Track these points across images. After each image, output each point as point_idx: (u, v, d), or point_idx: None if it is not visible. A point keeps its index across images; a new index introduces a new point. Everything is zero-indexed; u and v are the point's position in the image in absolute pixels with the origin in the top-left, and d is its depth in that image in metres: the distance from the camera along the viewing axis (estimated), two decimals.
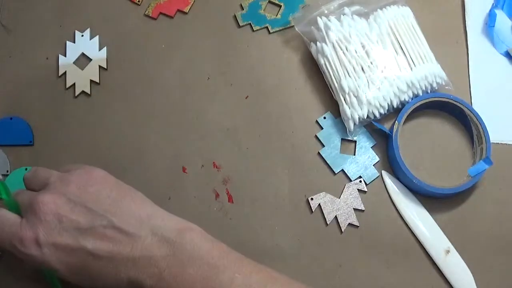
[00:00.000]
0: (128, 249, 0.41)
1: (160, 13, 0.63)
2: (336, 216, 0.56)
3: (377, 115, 0.58)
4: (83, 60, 0.62)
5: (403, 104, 0.59)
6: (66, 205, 0.42)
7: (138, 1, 0.64)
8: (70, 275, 0.42)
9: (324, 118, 0.60)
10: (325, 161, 0.58)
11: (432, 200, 0.57)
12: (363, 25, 0.60)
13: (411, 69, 0.59)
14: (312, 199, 0.56)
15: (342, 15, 0.60)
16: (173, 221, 0.43)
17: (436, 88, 0.60)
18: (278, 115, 0.60)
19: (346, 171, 0.58)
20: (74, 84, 0.60)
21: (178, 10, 0.64)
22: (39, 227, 0.41)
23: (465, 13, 0.65)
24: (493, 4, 0.65)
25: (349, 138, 0.59)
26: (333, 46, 0.59)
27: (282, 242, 0.55)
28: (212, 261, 0.41)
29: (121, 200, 0.43)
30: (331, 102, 0.60)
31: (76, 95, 0.60)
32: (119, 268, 0.41)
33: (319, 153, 0.59)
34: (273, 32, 0.63)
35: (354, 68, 0.58)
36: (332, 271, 0.54)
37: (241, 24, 0.63)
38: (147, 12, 0.63)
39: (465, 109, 0.59)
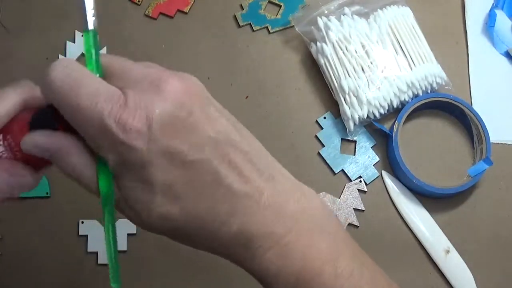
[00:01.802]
0: (256, 193, 0.30)
1: (160, 13, 0.63)
2: (336, 216, 0.56)
3: (377, 115, 0.58)
4: (83, 60, 0.61)
5: (403, 104, 0.59)
6: (203, 101, 0.30)
7: (138, 1, 0.64)
8: (162, 200, 0.28)
9: (324, 118, 0.60)
10: (325, 161, 0.58)
11: (432, 200, 0.57)
12: (363, 25, 0.60)
13: (411, 69, 0.59)
14: None
15: (342, 15, 0.60)
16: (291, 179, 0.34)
17: (436, 88, 0.60)
18: (278, 115, 0.60)
19: (346, 171, 0.58)
20: None
21: (178, 10, 0.64)
22: (159, 107, 0.27)
23: (465, 13, 0.65)
24: (493, 4, 0.65)
25: (349, 138, 0.59)
26: (333, 46, 0.59)
27: None
28: (339, 238, 0.33)
29: (253, 138, 0.33)
30: (331, 102, 0.60)
31: None
32: (235, 209, 0.29)
33: (319, 153, 0.58)
34: (273, 32, 0.63)
35: (354, 68, 0.58)
36: None
37: (241, 24, 0.63)
38: (147, 12, 0.63)
39: (465, 109, 0.58)
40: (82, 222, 0.54)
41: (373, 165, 0.58)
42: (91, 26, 0.30)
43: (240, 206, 0.29)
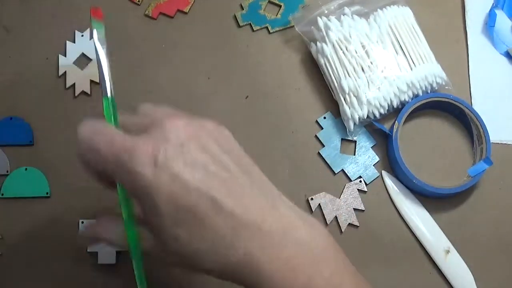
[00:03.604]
0: (258, 220, 0.33)
1: (160, 13, 0.63)
2: (336, 216, 0.56)
3: (377, 115, 0.58)
4: (83, 60, 0.61)
5: (403, 104, 0.59)
6: (203, 138, 0.34)
7: (138, 1, 0.64)
8: (171, 222, 0.32)
9: (324, 118, 0.60)
10: (325, 161, 0.58)
11: (432, 200, 0.57)
12: (363, 25, 0.60)
13: (411, 69, 0.59)
14: (312, 199, 0.56)
15: (342, 15, 0.60)
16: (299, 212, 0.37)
17: (436, 88, 0.60)
18: (278, 115, 0.60)
19: (346, 171, 0.58)
20: (74, 84, 0.60)
21: (178, 10, 0.64)
22: (162, 145, 0.32)
23: (465, 13, 0.65)
24: (493, 4, 0.65)
25: (349, 138, 0.59)
26: (333, 46, 0.59)
27: None
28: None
29: (255, 166, 0.37)
30: (331, 102, 0.60)
31: (76, 95, 0.60)
32: (239, 234, 0.32)
33: (319, 153, 0.59)
34: (273, 32, 0.63)
35: (354, 68, 0.58)
36: None
37: (241, 24, 0.63)
38: (147, 12, 0.63)
39: (465, 109, 0.59)
40: (82, 222, 0.54)
41: (373, 165, 0.58)
42: (109, 94, 0.38)
43: (242, 231, 0.32)
